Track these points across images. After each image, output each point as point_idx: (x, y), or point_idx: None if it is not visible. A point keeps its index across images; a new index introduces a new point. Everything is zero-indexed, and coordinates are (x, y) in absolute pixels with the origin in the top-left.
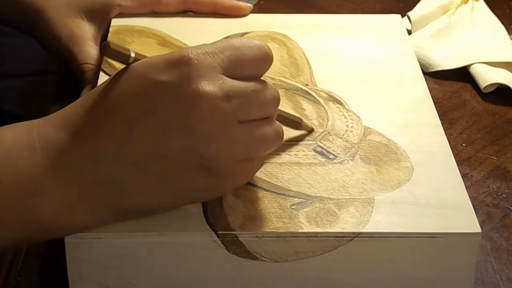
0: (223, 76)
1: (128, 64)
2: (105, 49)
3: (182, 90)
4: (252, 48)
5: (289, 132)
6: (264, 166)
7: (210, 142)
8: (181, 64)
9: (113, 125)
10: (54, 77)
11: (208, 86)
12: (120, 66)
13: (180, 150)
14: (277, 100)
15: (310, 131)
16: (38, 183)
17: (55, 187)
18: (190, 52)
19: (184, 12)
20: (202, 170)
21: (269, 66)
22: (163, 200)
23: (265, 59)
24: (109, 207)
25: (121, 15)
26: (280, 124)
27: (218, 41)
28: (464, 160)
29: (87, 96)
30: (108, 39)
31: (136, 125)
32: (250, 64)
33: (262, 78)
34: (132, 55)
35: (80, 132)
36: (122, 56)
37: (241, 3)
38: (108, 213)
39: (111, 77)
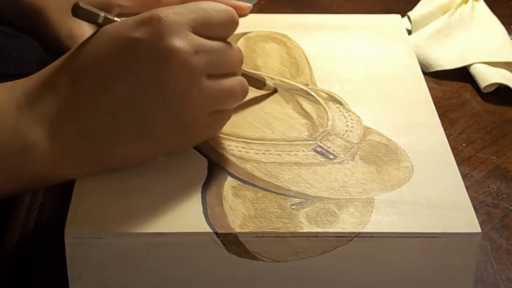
0: (191, 33)
1: (98, 25)
2: (76, 9)
3: (154, 46)
4: (219, 12)
5: (289, 132)
6: (264, 166)
7: (183, 96)
8: (152, 22)
9: (89, 81)
10: None
11: (178, 42)
12: None
13: (155, 104)
14: (241, 59)
15: (274, 91)
16: (25, 138)
17: (41, 140)
18: (160, 11)
19: None
20: (176, 123)
21: (235, 30)
22: (140, 152)
23: (231, 23)
24: (91, 158)
25: (121, 15)
26: (244, 79)
27: (187, 3)
28: (464, 160)
29: (65, 56)
30: None
31: (112, 80)
32: (217, 26)
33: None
34: (102, 14)
35: (59, 87)
36: (92, 16)
37: (241, 3)
38: (92, 164)
39: (87, 38)
